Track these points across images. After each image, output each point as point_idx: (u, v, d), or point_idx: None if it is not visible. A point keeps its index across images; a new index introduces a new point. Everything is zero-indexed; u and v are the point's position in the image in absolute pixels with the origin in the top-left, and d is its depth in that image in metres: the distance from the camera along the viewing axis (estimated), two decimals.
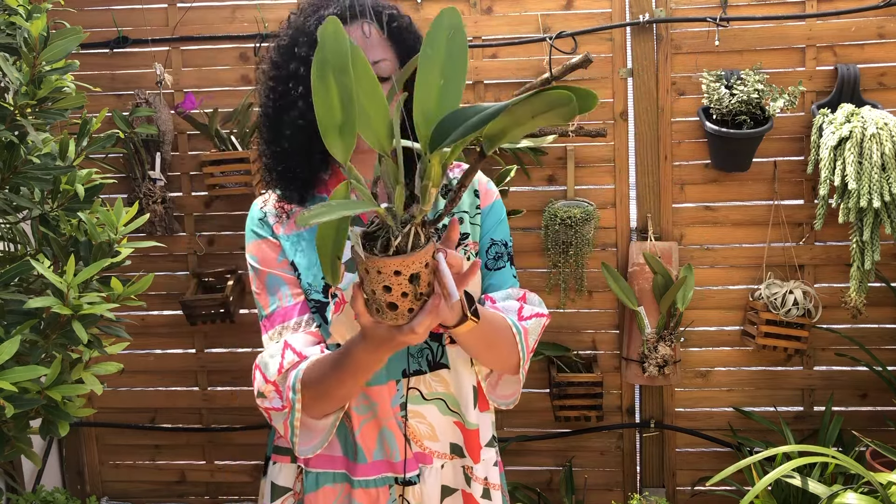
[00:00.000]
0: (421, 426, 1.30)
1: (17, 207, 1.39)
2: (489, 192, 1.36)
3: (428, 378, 1.29)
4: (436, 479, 1.32)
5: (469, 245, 1.31)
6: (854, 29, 2.38)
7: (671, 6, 2.40)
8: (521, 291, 1.32)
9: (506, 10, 2.46)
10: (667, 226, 2.48)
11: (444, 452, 1.33)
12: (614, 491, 2.63)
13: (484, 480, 1.35)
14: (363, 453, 1.28)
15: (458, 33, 0.86)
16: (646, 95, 2.44)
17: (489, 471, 1.36)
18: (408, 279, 0.91)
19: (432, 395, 1.30)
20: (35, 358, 1.26)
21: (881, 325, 2.48)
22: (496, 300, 1.30)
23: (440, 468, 1.32)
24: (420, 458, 1.31)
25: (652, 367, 2.35)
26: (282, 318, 1.27)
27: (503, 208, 1.37)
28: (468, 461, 1.33)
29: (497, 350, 1.23)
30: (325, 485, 1.30)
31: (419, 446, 1.31)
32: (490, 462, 1.37)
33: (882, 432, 2.47)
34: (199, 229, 2.62)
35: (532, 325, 1.27)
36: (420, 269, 0.91)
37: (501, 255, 1.33)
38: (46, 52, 1.29)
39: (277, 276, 1.28)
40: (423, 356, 1.29)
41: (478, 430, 1.33)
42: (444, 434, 1.32)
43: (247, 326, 2.64)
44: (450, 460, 1.33)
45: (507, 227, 1.36)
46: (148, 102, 2.47)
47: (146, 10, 2.53)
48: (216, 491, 2.77)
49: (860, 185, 2.17)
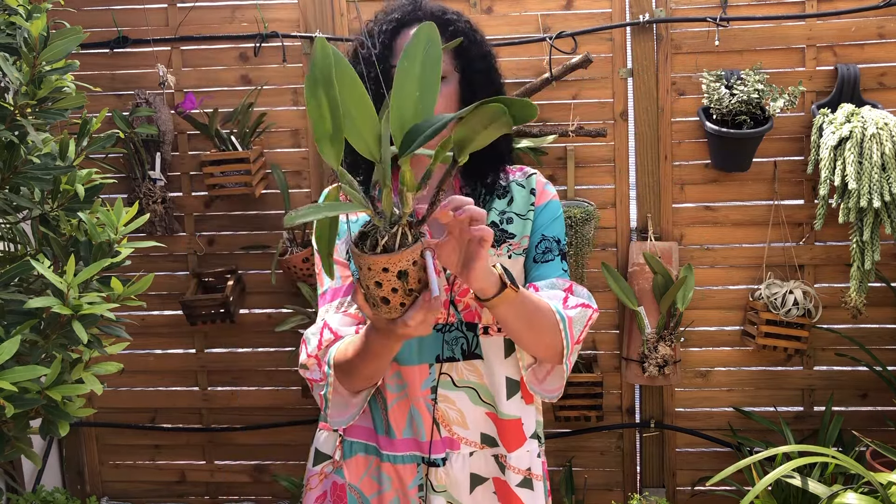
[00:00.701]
0: (451, 411, 1.34)
1: (17, 207, 1.39)
2: (545, 192, 1.40)
3: (461, 366, 1.33)
4: (463, 465, 1.34)
5: (514, 244, 1.34)
6: (854, 29, 2.38)
7: (671, 6, 2.40)
8: (567, 282, 1.33)
9: (506, 10, 2.46)
10: (667, 226, 2.48)
11: (473, 440, 1.35)
12: (614, 491, 2.63)
13: (526, 471, 1.37)
14: (393, 430, 1.34)
15: (434, 47, 0.94)
16: (646, 95, 2.44)
17: (532, 461, 1.38)
18: (396, 276, 0.97)
19: (463, 383, 1.33)
20: (35, 358, 1.26)
21: (881, 325, 2.48)
22: (540, 287, 1.31)
23: (468, 455, 1.35)
24: (448, 443, 1.34)
25: (652, 367, 2.35)
26: (331, 297, 1.35)
27: (559, 208, 1.40)
28: (501, 450, 1.35)
29: (539, 333, 1.23)
30: (358, 453, 1.38)
31: (448, 431, 1.34)
32: (534, 454, 1.38)
33: (882, 432, 2.47)
34: (199, 229, 2.62)
35: (577, 314, 1.27)
36: (407, 266, 0.97)
37: (551, 249, 1.36)
38: (46, 52, 1.28)
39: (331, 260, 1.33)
40: (457, 344, 1.33)
41: (519, 420, 1.35)
42: (475, 423, 1.35)
43: (247, 326, 2.64)
44: (480, 449, 1.36)
45: (562, 226, 1.40)
46: (148, 102, 2.47)
47: (146, 10, 2.53)
48: (216, 491, 2.77)
49: (860, 185, 2.17)
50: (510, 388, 1.35)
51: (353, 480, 1.37)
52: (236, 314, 2.56)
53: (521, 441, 1.36)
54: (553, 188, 1.42)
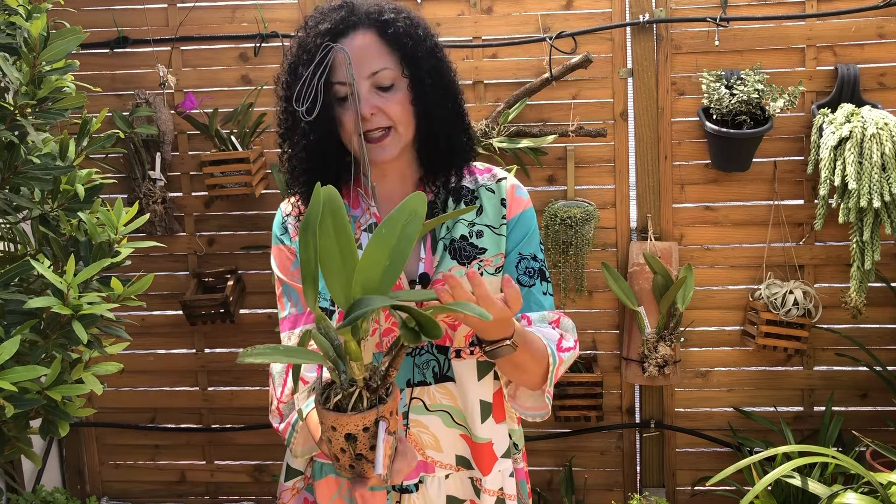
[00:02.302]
0: (423, 436, 1.29)
1: (17, 207, 1.40)
2: (517, 201, 1.32)
3: (432, 390, 1.28)
4: (438, 488, 1.30)
5: (485, 261, 1.28)
6: (854, 29, 2.38)
7: (671, 6, 2.40)
8: (556, 314, 1.30)
9: (506, 10, 2.46)
10: (667, 226, 2.48)
11: (448, 463, 1.31)
12: (614, 491, 2.63)
13: (499, 491, 1.33)
14: None
15: (415, 221, 0.94)
16: (646, 95, 2.44)
17: (505, 482, 1.34)
18: (343, 437, 0.94)
19: (436, 407, 1.29)
20: (35, 358, 1.26)
21: (881, 325, 2.48)
22: (532, 321, 1.28)
23: (444, 478, 1.31)
24: (422, 467, 1.30)
25: (652, 367, 2.35)
26: (291, 324, 1.29)
27: (533, 218, 1.32)
28: (476, 473, 1.32)
29: (528, 374, 1.22)
30: (328, 474, 1.33)
31: (421, 454, 1.30)
32: (506, 473, 1.35)
33: (882, 432, 2.47)
34: (199, 229, 2.62)
35: (567, 357, 1.25)
36: (356, 431, 0.93)
37: (531, 269, 1.30)
38: (46, 52, 1.29)
39: (290, 285, 1.30)
40: (428, 367, 1.28)
41: (489, 443, 1.31)
42: (449, 446, 1.31)
43: (247, 326, 2.64)
44: (455, 472, 1.32)
45: (538, 239, 1.32)
46: (148, 102, 2.47)
47: (146, 10, 2.53)
48: (216, 491, 2.77)
49: (860, 185, 2.17)
50: (484, 410, 1.31)
51: (323, 501, 1.33)
52: (236, 314, 2.56)
53: (493, 462, 1.32)
54: (525, 192, 1.34)
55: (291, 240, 1.31)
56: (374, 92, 1.19)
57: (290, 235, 1.32)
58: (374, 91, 1.19)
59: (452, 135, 1.27)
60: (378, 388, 0.95)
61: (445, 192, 1.30)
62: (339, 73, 1.18)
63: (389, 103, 1.19)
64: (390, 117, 1.19)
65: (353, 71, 1.17)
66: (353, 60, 1.17)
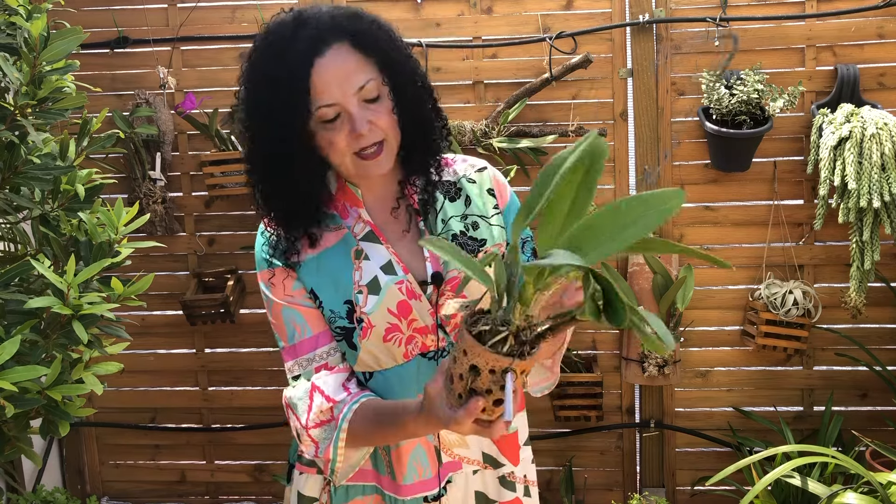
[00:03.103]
0: (450, 435, 1.28)
1: (17, 207, 1.40)
2: (503, 188, 1.32)
3: None
4: (465, 484, 1.30)
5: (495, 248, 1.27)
6: (854, 29, 2.38)
7: (671, 6, 2.40)
8: None
9: (506, 10, 2.46)
10: (667, 226, 2.49)
11: (475, 459, 1.31)
12: (614, 491, 2.63)
13: (524, 479, 1.35)
14: (396, 474, 1.26)
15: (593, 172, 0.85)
16: (646, 95, 2.44)
17: (527, 468, 1.36)
18: (469, 366, 0.91)
19: None
20: (35, 358, 1.26)
21: (881, 325, 2.48)
22: None
23: (471, 474, 1.31)
24: (450, 467, 1.29)
25: (652, 366, 2.35)
26: (303, 350, 1.23)
27: (517, 198, 1.32)
28: (507, 468, 1.31)
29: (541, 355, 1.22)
30: (355, 497, 1.29)
31: (449, 455, 1.29)
32: (528, 460, 1.37)
33: (882, 432, 2.47)
34: (199, 229, 2.62)
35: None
36: (484, 367, 0.90)
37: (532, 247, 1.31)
38: (46, 53, 1.29)
39: (292, 308, 1.22)
40: None
41: (515, 433, 1.33)
42: (475, 442, 1.30)
43: (247, 326, 2.65)
44: (483, 469, 1.32)
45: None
46: (148, 102, 2.48)
47: (146, 10, 2.54)
48: (216, 491, 2.77)
49: (860, 185, 2.18)
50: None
51: None
52: (236, 314, 2.56)
53: (518, 450, 1.33)
54: (503, 176, 1.34)
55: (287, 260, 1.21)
56: (364, 106, 1.13)
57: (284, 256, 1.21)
58: (363, 106, 1.13)
59: (434, 132, 1.24)
60: (525, 343, 0.92)
61: (431, 188, 1.27)
62: (326, 95, 1.11)
63: (379, 115, 1.14)
64: (382, 129, 1.15)
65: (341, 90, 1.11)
66: (337, 80, 1.11)
